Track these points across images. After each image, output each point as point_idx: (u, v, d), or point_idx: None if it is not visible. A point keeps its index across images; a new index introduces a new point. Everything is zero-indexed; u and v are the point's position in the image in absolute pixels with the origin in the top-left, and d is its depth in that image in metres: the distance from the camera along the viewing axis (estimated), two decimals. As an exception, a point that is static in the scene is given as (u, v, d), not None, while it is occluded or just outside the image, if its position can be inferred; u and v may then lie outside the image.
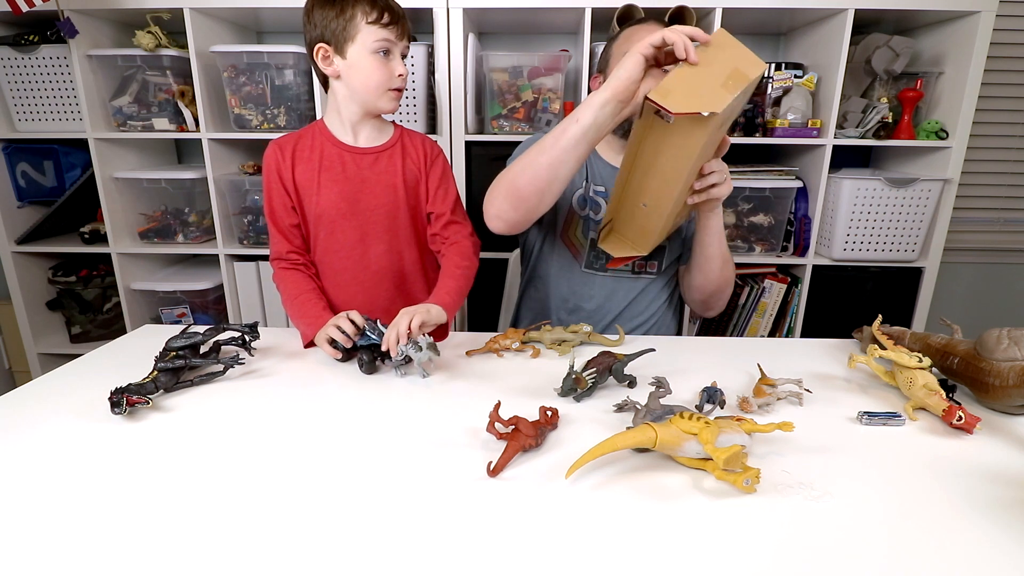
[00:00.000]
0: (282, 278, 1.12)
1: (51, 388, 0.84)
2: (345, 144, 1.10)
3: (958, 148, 1.61)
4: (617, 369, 0.83)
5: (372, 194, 1.11)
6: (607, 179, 1.17)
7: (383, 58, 1.01)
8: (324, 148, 1.09)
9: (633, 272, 1.19)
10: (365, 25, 0.99)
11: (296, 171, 1.09)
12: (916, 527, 0.54)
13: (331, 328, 0.93)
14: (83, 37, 1.60)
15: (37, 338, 1.89)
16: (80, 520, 0.55)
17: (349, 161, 1.10)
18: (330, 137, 1.10)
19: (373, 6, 0.99)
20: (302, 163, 1.09)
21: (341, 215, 1.10)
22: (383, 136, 1.13)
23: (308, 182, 1.09)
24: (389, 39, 1.01)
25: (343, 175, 1.09)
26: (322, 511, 0.56)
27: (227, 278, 1.79)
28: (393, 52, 1.02)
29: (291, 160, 1.08)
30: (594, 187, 1.16)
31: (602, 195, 1.16)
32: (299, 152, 1.09)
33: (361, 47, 1.00)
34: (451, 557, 0.50)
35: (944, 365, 0.84)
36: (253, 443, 0.69)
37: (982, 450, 0.68)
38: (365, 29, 0.99)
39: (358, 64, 1.01)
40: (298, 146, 1.09)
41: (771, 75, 1.67)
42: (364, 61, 1.01)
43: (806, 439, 0.70)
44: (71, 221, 1.86)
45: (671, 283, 1.25)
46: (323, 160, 1.09)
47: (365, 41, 1.00)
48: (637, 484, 0.61)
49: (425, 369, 0.88)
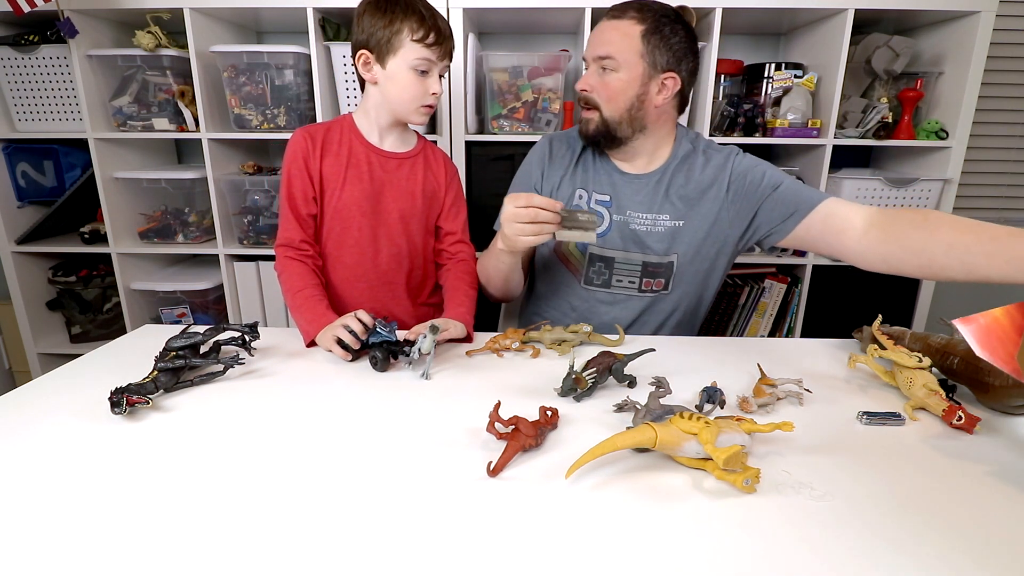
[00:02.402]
0: (287, 268, 1.10)
1: (51, 388, 0.83)
2: (372, 145, 1.12)
3: (958, 148, 1.61)
4: (617, 369, 0.83)
5: (392, 197, 1.13)
6: (615, 186, 1.11)
7: (421, 75, 1.03)
8: (352, 144, 1.11)
9: (639, 291, 1.13)
10: (410, 42, 1.00)
11: (324, 162, 1.10)
12: (916, 527, 0.54)
13: (339, 328, 0.92)
14: (83, 37, 1.60)
15: (37, 338, 1.89)
16: (80, 520, 0.55)
17: (375, 161, 1.12)
18: (358, 135, 1.12)
19: (421, 24, 1.00)
20: (330, 156, 1.11)
21: (361, 212, 1.12)
22: (407, 144, 1.16)
23: (334, 175, 1.10)
24: (430, 59, 1.02)
25: (368, 174, 1.11)
26: (322, 511, 0.56)
27: (227, 278, 1.79)
28: (432, 71, 1.04)
29: (320, 150, 1.10)
30: (596, 195, 1.12)
31: (606, 204, 1.11)
32: (328, 144, 1.11)
33: (402, 61, 1.02)
34: (451, 557, 0.50)
35: (944, 365, 0.84)
36: (253, 443, 0.69)
37: (982, 450, 0.68)
38: (409, 45, 1.01)
39: (396, 76, 1.04)
40: (327, 137, 1.11)
41: (771, 75, 1.67)
42: (402, 75, 1.03)
43: (806, 439, 0.70)
44: (71, 221, 1.86)
45: (684, 303, 1.15)
46: (351, 156, 1.11)
47: (407, 56, 1.02)
48: (637, 484, 0.61)
49: (427, 368, 0.88)
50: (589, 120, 1.06)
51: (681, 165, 1.10)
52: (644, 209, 1.10)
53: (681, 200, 1.09)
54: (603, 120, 1.04)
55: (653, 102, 1.03)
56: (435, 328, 0.87)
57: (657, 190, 1.10)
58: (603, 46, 1.01)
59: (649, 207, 1.10)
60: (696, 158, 1.10)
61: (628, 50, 0.99)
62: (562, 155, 1.15)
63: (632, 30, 0.99)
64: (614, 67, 1.01)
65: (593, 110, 1.05)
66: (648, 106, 1.03)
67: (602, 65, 1.02)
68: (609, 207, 1.11)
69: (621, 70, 1.00)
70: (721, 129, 1.67)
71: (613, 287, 1.14)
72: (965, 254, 0.78)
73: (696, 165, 1.10)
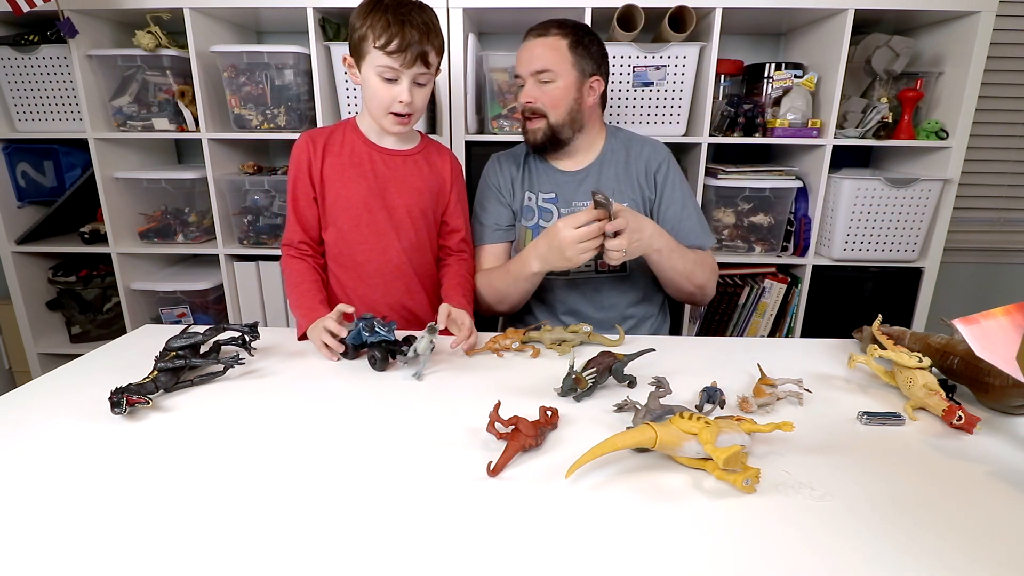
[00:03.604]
0: (288, 265, 1.15)
1: (51, 388, 0.84)
2: (374, 143, 1.14)
3: (958, 148, 1.61)
4: (617, 369, 0.83)
5: (398, 193, 1.15)
6: (558, 185, 1.22)
7: (387, 82, 1.03)
8: (354, 145, 1.14)
9: (596, 271, 1.22)
10: (373, 48, 1.00)
11: (325, 164, 1.12)
12: (916, 527, 0.54)
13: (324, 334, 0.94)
14: (83, 37, 1.60)
15: (37, 338, 1.89)
16: (80, 520, 0.55)
17: (377, 159, 1.14)
18: (360, 135, 1.14)
19: (384, 30, 0.98)
20: (331, 156, 1.13)
21: (368, 209, 1.13)
22: (409, 142, 1.17)
23: (336, 175, 1.12)
24: (393, 67, 1.01)
25: (371, 171, 1.13)
26: (322, 511, 0.56)
27: (227, 278, 1.79)
28: (400, 79, 1.02)
29: (321, 153, 1.12)
30: (542, 195, 1.23)
31: (552, 201, 1.22)
32: (330, 146, 1.13)
33: (369, 67, 1.03)
34: (451, 557, 0.50)
35: (944, 365, 0.84)
36: (253, 443, 0.69)
37: (982, 450, 0.68)
38: (373, 52, 1.01)
39: (367, 82, 1.05)
40: (330, 140, 1.13)
41: (771, 75, 1.67)
42: (371, 81, 1.04)
43: (806, 439, 0.70)
44: (71, 221, 1.86)
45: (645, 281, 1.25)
46: (352, 156, 1.13)
47: (372, 62, 1.02)
48: (637, 484, 0.61)
49: (420, 369, 0.88)
50: (536, 129, 1.18)
51: (614, 156, 1.23)
52: (587, 197, 1.21)
53: (619, 185, 1.22)
54: (549, 126, 1.16)
55: (586, 103, 1.17)
56: (432, 329, 0.87)
57: (597, 179, 1.22)
58: (538, 61, 1.13)
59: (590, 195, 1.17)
60: (629, 147, 1.24)
61: (561, 61, 1.13)
62: (510, 167, 1.27)
63: (559, 44, 1.13)
64: (551, 78, 1.13)
65: (539, 118, 1.16)
66: (584, 107, 1.17)
67: (540, 79, 1.14)
68: (556, 203, 1.22)
69: (558, 79, 1.13)
70: (721, 129, 1.67)
71: (571, 273, 1.22)
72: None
73: (628, 154, 1.23)
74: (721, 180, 1.66)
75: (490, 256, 1.26)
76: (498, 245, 1.26)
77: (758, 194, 1.70)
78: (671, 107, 1.65)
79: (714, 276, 1.20)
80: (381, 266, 1.16)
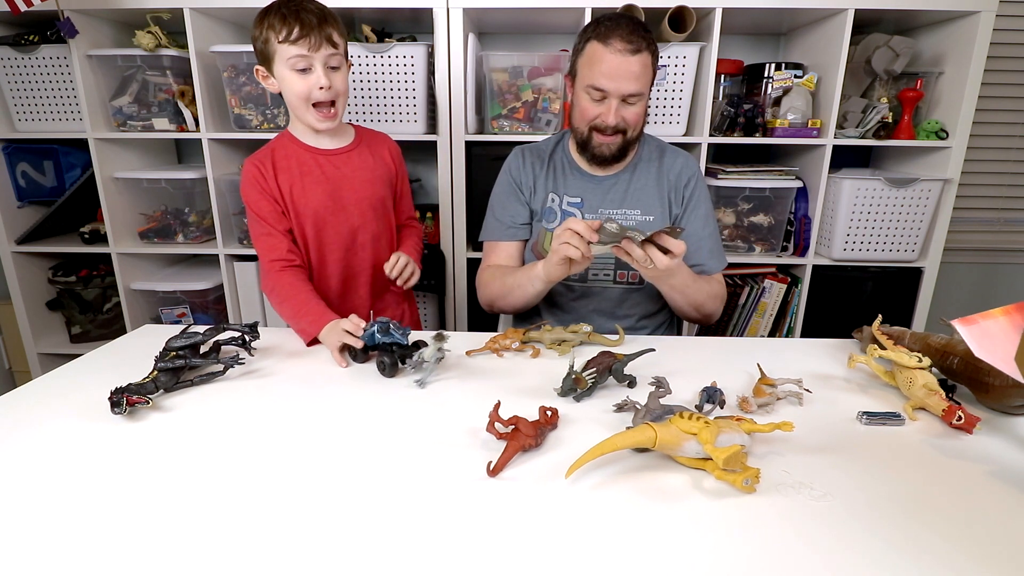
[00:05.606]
0: (279, 279, 1.10)
1: (51, 388, 0.84)
2: (316, 148, 1.14)
3: (958, 148, 1.61)
4: (617, 369, 0.83)
5: (352, 189, 1.16)
6: (585, 189, 1.18)
7: (302, 73, 1.03)
8: (299, 155, 1.13)
9: (614, 282, 1.20)
10: (278, 44, 1.01)
11: (279, 180, 1.12)
12: (916, 527, 0.54)
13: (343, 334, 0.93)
14: (83, 37, 1.60)
15: (37, 338, 1.89)
16: (80, 520, 0.55)
17: (324, 162, 1.14)
18: (300, 144, 1.14)
19: (283, 23, 1.00)
20: (283, 172, 1.12)
21: (329, 212, 1.14)
22: (346, 138, 1.18)
23: (292, 187, 1.12)
24: (302, 54, 1.01)
25: (323, 176, 1.14)
26: (322, 511, 0.56)
27: (227, 278, 1.79)
28: (314, 66, 1.02)
29: (272, 170, 1.12)
30: (568, 199, 1.18)
31: (577, 206, 1.17)
32: (277, 162, 1.12)
33: (281, 65, 1.03)
34: (451, 557, 0.50)
35: (944, 365, 0.84)
36: (253, 443, 0.69)
37: (982, 450, 0.68)
38: (279, 48, 1.01)
39: (283, 81, 1.05)
40: (275, 157, 1.13)
41: (771, 75, 1.67)
42: (287, 78, 1.04)
43: (806, 439, 0.70)
44: (71, 221, 1.86)
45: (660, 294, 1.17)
46: (300, 165, 1.13)
47: (282, 59, 1.02)
48: (637, 484, 0.61)
49: (425, 376, 0.87)
50: (612, 143, 1.11)
51: (647, 165, 1.19)
52: (615, 205, 1.17)
53: (648, 196, 1.17)
54: (625, 141, 1.11)
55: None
56: (442, 336, 0.85)
57: (627, 187, 1.18)
58: (636, 83, 1.04)
59: (620, 203, 1.17)
60: (662, 157, 1.19)
61: (649, 81, 1.07)
62: (535, 163, 1.22)
63: (649, 61, 1.05)
64: (639, 99, 1.07)
65: (618, 135, 1.10)
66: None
67: (629, 100, 1.06)
68: (581, 208, 1.18)
69: (642, 100, 1.08)
70: (721, 129, 1.67)
71: (589, 280, 1.20)
72: None
73: (661, 164, 1.19)
74: (721, 180, 1.66)
75: (502, 253, 1.22)
76: (511, 243, 1.22)
77: (758, 194, 1.70)
78: (671, 107, 1.66)
79: (722, 304, 1.18)
80: (352, 261, 1.19)
